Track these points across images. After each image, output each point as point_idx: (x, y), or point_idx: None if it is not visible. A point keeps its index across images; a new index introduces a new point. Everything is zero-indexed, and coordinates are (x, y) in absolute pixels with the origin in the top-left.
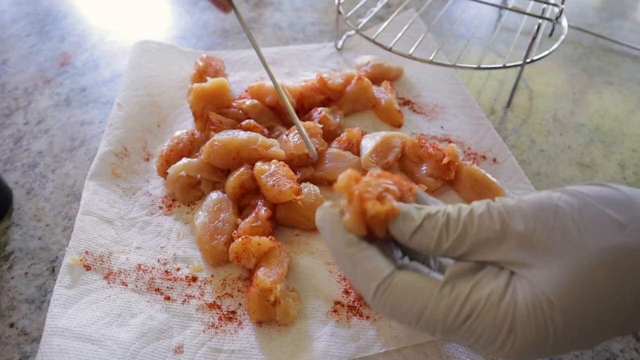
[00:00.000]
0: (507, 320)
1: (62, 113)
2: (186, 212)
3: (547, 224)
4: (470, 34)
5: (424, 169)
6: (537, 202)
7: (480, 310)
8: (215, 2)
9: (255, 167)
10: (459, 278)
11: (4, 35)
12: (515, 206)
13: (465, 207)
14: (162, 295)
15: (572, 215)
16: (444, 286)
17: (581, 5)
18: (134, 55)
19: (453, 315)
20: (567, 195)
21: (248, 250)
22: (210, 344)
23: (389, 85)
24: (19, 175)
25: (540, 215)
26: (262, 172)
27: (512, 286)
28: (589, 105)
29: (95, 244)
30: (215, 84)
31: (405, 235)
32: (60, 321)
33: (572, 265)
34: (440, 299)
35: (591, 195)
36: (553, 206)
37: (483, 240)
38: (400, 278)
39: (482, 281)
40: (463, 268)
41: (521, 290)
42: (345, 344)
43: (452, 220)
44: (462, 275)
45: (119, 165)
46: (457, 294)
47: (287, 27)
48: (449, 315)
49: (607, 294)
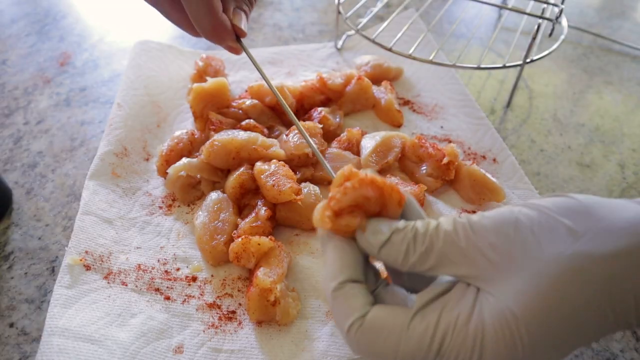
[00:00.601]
0: (477, 340)
1: (61, 113)
2: (186, 212)
3: (508, 238)
4: (470, 34)
5: (423, 168)
6: (499, 217)
7: (451, 336)
8: (228, 47)
9: (255, 167)
10: (429, 304)
11: (4, 35)
12: (477, 222)
13: (433, 223)
14: (162, 295)
15: (531, 228)
16: (414, 317)
17: (581, 5)
18: (133, 55)
19: (425, 346)
20: (527, 209)
21: (248, 250)
22: (210, 343)
23: (388, 85)
24: (18, 175)
25: (502, 230)
26: (262, 172)
27: (478, 304)
28: (589, 105)
29: (95, 243)
30: (215, 84)
31: (373, 248)
32: (60, 321)
33: (532, 277)
34: (412, 332)
35: (549, 206)
36: (513, 220)
37: (448, 255)
38: (372, 315)
39: (449, 303)
40: (433, 292)
41: (487, 307)
42: (345, 344)
43: (420, 235)
44: (431, 301)
45: (119, 165)
46: (427, 324)
47: (287, 27)
48: (422, 346)
49: (567, 302)
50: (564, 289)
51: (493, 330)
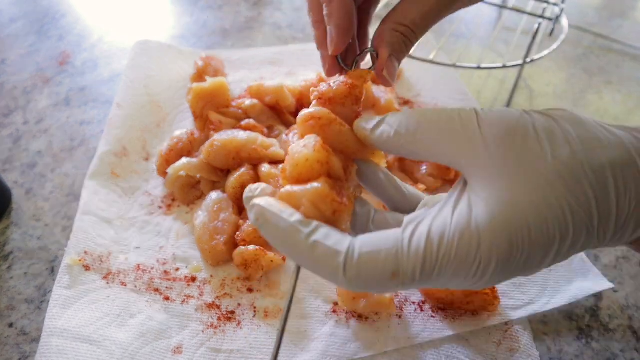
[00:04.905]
0: (473, 243)
1: (61, 113)
2: (186, 212)
3: (515, 135)
4: (470, 33)
5: (424, 168)
6: (507, 113)
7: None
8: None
9: (262, 170)
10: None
11: (3, 35)
12: (484, 111)
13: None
14: (161, 295)
15: (535, 128)
16: (405, 229)
17: (581, 5)
18: (133, 55)
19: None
20: (534, 112)
21: (259, 262)
22: (209, 344)
23: None
24: (18, 175)
25: (510, 126)
26: (271, 176)
27: (469, 205)
28: (589, 105)
29: (94, 244)
30: (214, 83)
31: (366, 130)
32: (59, 322)
33: (531, 179)
34: (407, 244)
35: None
36: (520, 118)
37: (448, 133)
38: (361, 243)
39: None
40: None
41: (480, 208)
42: (345, 344)
43: (418, 110)
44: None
45: (119, 165)
46: (421, 232)
47: (286, 27)
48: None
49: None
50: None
51: (491, 231)
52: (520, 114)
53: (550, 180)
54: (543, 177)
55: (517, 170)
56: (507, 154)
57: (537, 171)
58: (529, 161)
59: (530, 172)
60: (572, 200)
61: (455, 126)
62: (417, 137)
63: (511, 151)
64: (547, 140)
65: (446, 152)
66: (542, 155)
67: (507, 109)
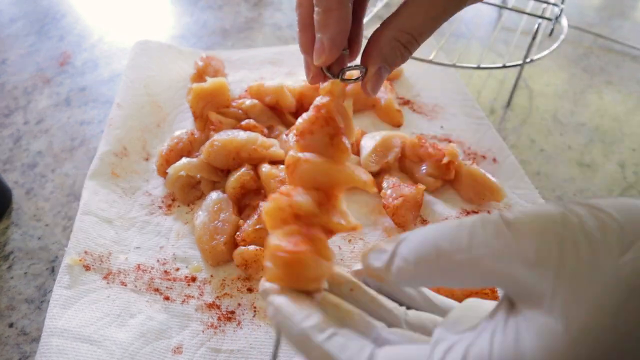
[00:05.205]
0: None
1: (61, 113)
2: (186, 212)
3: (557, 238)
4: (470, 33)
5: (423, 168)
6: (543, 211)
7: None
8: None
9: (262, 170)
10: (449, 334)
11: (3, 35)
12: (514, 218)
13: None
14: (161, 295)
15: (582, 227)
16: (434, 348)
17: (581, 5)
18: (133, 55)
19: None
20: (574, 205)
21: (259, 262)
22: (210, 344)
23: (388, 85)
24: (18, 175)
25: (548, 229)
26: (272, 176)
27: (513, 331)
28: (589, 105)
29: (94, 244)
30: (214, 83)
31: (380, 271)
32: (59, 322)
33: (589, 288)
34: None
35: (602, 205)
36: (560, 216)
37: (478, 254)
38: (385, 353)
39: (481, 335)
40: (452, 318)
41: (527, 334)
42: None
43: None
44: (450, 330)
45: (119, 165)
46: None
47: (286, 27)
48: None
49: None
50: (621, 305)
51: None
52: (562, 214)
53: (620, 298)
54: (607, 296)
55: (573, 291)
56: (559, 273)
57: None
58: (588, 279)
59: (590, 293)
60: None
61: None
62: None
63: (564, 268)
64: (602, 243)
65: (485, 275)
66: (602, 267)
67: (543, 206)
